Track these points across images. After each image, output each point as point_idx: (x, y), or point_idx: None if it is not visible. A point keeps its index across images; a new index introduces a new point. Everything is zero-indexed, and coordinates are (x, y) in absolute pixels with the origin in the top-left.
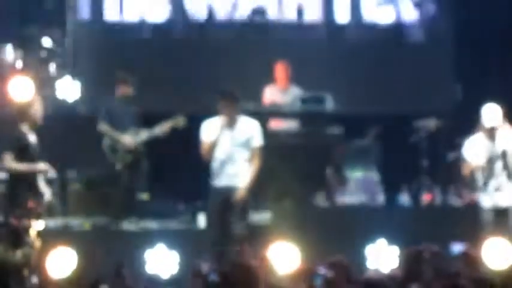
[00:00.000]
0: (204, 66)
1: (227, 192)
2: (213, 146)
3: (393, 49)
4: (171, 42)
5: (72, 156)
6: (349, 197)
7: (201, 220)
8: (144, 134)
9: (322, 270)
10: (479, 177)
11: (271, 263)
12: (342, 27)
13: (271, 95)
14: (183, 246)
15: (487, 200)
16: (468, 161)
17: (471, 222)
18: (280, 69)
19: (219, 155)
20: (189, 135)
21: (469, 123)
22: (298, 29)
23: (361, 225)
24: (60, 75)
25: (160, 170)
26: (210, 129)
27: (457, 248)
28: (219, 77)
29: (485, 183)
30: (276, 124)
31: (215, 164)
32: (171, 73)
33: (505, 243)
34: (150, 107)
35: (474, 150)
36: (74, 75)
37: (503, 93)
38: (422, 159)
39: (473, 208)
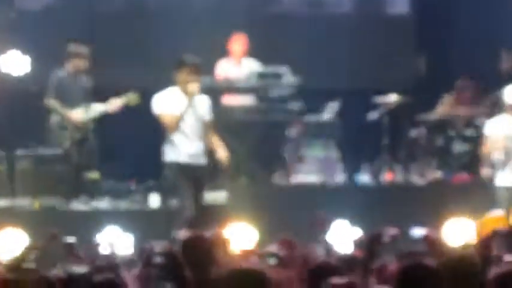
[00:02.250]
0: (157, 39)
1: (197, 170)
2: (180, 119)
3: (353, 21)
4: (124, 13)
5: (20, 134)
6: (308, 176)
7: (154, 200)
8: (94, 110)
9: (274, 248)
10: (499, 156)
11: (227, 242)
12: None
13: (225, 69)
14: (136, 227)
15: (504, 179)
16: (490, 140)
17: (434, 201)
18: (236, 42)
19: (183, 129)
20: (141, 112)
21: (433, 98)
22: (256, 0)
23: (320, 204)
24: (4, 49)
25: (111, 148)
26: (170, 101)
27: (418, 231)
28: (171, 50)
29: (504, 163)
30: (231, 100)
31: (178, 139)
32: (125, 46)
33: (466, 222)
34: (102, 82)
35: (496, 130)
36: (23, 49)
37: (469, 67)
38: (383, 137)
39: (436, 186)
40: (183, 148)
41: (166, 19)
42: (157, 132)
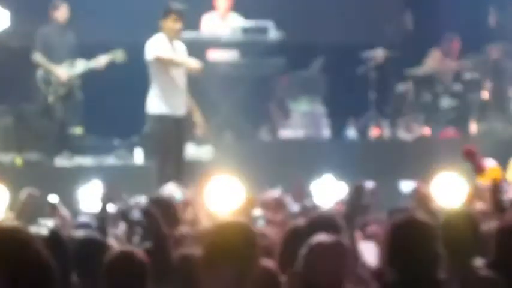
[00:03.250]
0: None
1: (180, 122)
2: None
3: None
4: None
5: (2, 89)
6: (294, 131)
7: (138, 155)
8: (79, 66)
9: (259, 211)
10: None
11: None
12: None
13: (210, 23)
14: (120, 182)
15: None
16: None
17: (421, 156)
18: None
19: (170, 77)
20: (125, 67)
21: (420, 53)
22: None
23: (306, 159)
24: None
25: (95, 104)
26: (164, 46)
27: (406, 185)
28: (156, 4)
29: None
30: (216, 55)
31: (165, 88)
32: (107, 1)
33: (456, 177)
34: (87, 37)
35: None
36: (2, 4)
37: (455, 21)
38: (370, 92)
39: (424, 142)
40: (169, 99)
41: None
42: (141, 88)
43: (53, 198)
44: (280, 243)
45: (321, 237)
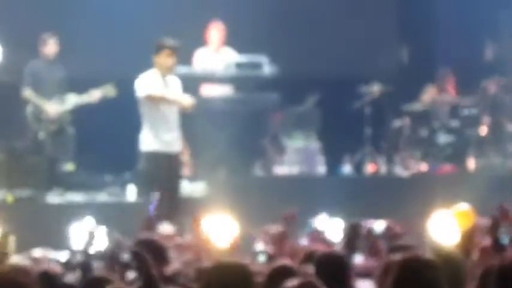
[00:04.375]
0: (133, 28)
1: (173, 159)
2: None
3: (334, 8)
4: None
5: None
6: (288, 167)
7: (131, 192)
8: (70, 102)
9: (261, 246)
10: None
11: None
12: None
13: (203, 58)
14: (112, 220)
15: None
16: None
17: (418, 193)
18: (214, 30)
19: (162, 113)
20: (117, 102)
21: (416, 88)
22: None
23: (301, 196)
24: None
25: (87, 139)
26: (155, 81)
27: (378, 224)
28: (148, 39)
29: None
30: (209, 89)
31: (157, 125)
32: (99, 36)
33: (451, 216)
34: (77, 72)
35: None
36: None
37: (450, 57)
38: (365, 127)
39: (421, 178)
40: (162, 135)
41: (143, 8)
42: (133, 124)
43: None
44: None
45: (292, 282)
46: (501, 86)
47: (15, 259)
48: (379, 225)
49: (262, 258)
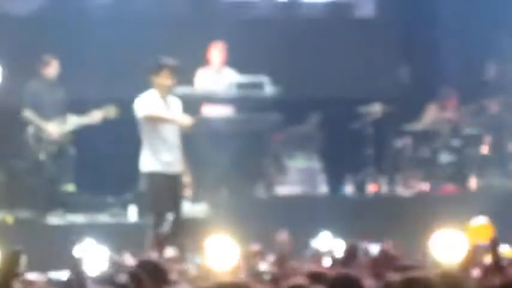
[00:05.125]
0: (133, 49)
1: (175, 179)
2: (166, 121)
3: (336, 30)
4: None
5: None
6: (290, 187)
7: (132, 213)
8: (71, 123)
9: (265, 265)
10: None
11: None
12: (282, 5)
13: (205, 78)
14: (113, 240)
15: None
16: None
17: (420, 213)
18: (215, 51)
19: (162, 134)
20: (118, 123)
21: (417, 108)
22: (235, 8)
23: (303, 216)
24: None
25: (88, 160)
26: (154, 102)
27: (373, 247)
28: (149, 60)
29: None
30: (210, 110)
31: (157, 146)
32: (99, 57)
33: (455, 234)
34: (77, 93)
35: None
36: None
37: (453, 76)
38: (367, 147)
39: (423, 198)
40: (161, 156)
41: (143, 28)
42: (134, 144)
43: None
44: None
45: None
46: (503, 105)
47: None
48: (374, 248)
49: (266, 278)
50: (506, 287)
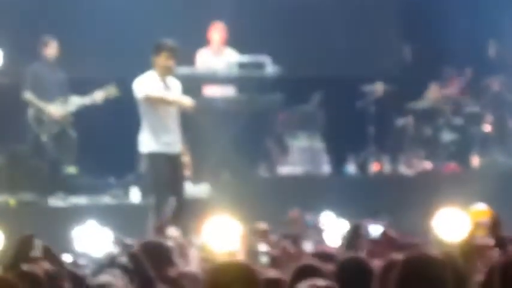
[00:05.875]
0: (133, 29)
1: (175, 159)
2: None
3: (338, 8)
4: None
5: None
6: (292, 167)
7: (134, 194)
8: (73, 104)
9: (264, 247)
10: None
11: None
12: None
13: (205, 58)
14: (116, 222)
15: None
16: None
17: (423, 191)
18: (216, 31)
19: (161, 115)
20: (118, 104)
21: (419, 87)
22: None
23: (306, 196)
24: None
25: (89, 142)
26: (153, 82)
27: (374, 228)
28: (149, 40)
29: None
30: (212, 90)
31: (157, 126)
32: (98, 37)
33: (458, 213)
34: (77, 74)
35: None
36: None
37: (454, 55)
38: (369, 126)
39: (425, 177)
40: (161, 137)
41: (143, 9)
42: (135, 125)
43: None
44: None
45: (313, 282)
46: (504, 84)
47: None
48: (376, 229)
49: (264, 260)
50: (508, 265)
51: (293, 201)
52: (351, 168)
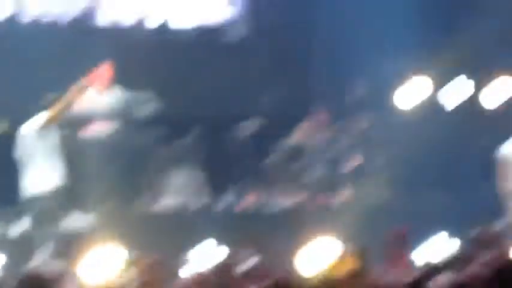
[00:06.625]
0: (25, 68)
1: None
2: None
3: (209, 53)
4: None
5: None
6: (174, 199)
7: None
8: None
9: (134, 271)
10: None
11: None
12: (154, 31)
13: (88, 97)
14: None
15: None
16: None
17: (294, 224)
18: (99, 73)
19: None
20: (7, 139)
21: (294, 122)
22: (119, 31)
23: (186, 227)
24: None
25: None
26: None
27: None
28: (39, 81)
29: None
30: (94, 127)
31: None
32: None
33: (327, 243)
34: None
35: None
36: None
37: (325, 94)
38: (244, 161)
39: (296, 209)
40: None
41: (29, 54)
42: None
43: None
44: None
45: None
46: (372, 121)
47: None
48: (248, 263)
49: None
50: None
51: (174, 233)
52: (228, 200)
